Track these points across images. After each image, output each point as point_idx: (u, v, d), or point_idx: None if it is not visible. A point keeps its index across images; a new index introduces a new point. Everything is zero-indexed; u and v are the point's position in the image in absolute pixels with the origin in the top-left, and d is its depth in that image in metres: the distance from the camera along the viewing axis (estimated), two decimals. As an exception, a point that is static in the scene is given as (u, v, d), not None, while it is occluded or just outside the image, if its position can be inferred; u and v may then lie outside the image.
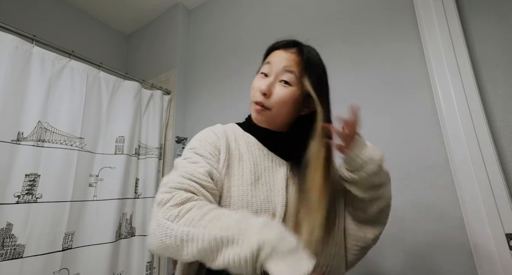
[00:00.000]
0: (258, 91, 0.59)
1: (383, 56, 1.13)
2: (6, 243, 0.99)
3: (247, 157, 0.59)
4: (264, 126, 0.62)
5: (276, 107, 0.58)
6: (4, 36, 1.09)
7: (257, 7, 1.65)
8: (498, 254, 0.78)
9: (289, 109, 0.59)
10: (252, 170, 0.57)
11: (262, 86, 0.58)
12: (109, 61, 1.91)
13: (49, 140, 1.16)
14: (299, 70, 0.58)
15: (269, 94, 0.58)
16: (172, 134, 1.74)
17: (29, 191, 1.08)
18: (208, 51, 1.85)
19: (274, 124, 0.62)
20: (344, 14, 1.28)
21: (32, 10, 1.74)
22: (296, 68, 0.58)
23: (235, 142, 0.61)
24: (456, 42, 0.95)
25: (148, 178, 1.56)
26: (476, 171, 0.84)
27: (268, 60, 0.63)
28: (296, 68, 0.58)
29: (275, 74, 0.59)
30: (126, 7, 2.05)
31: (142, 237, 1.46)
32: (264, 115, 0.59)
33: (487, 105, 0.90)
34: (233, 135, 0.62)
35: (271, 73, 0.60)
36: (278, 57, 0.61)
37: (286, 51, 0.61)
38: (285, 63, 0.59)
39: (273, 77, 0.59)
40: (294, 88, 0.58)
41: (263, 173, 0.58)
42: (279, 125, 0.62)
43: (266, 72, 0.61)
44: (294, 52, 0.61)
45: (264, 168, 0.59)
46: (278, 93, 0.58)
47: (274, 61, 0.60)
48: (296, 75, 0.58)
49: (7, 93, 1.07)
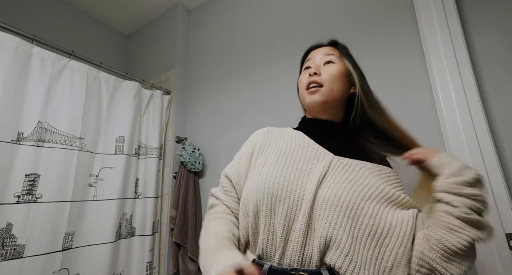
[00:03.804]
0: (307, 78, 0.64)
1: (383, 56, 1.13)
2: (6, 243, 0.99)
3: (275, 147, 0.63)
4: (317, 117, 0.66)
5: (328, 82, 0.62)
6: (4, 36, 1.09)
7: (257, 7, 1.65)
8: (498, 254, 0.78)
9: (340, 84, 0.64)
10: (277, 156, 0.61)
11: (312, 69, 0.64)
12: (109, 61, 1.91)
13: (49, 139, 1.17)
14: (337, 53, 0.67)
15: (319, 73, 0.63)
16: (172, 134, 1.74)
17: (29, 191, 1.08)
18: (208, 51, 1.85)
19: (331, 104, 0.64)
20: (344, 14, 1.28)
21: (32, 10, 1.74)
22: (335, 52, 0.67)
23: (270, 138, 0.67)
24: (456, 42, 0.95)
25: (148, 178, 1.56)
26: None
27: (308, 58, 0.70)
28: (335, 52, 0.67)
29: (319, 61, 0.66)
30: (126, 7, 2.05)
31: (142, 237, 1.46)
32: (319, 93, 0.63)
33: (487, 105, 0.90)
34: (271, 134, 0.69)
35: (314, 63, 0.67)
36: (316, 52, 0.69)
37: (322, 47, 0.71)
38: (325, 51, 0.68)
39: (317, 63, 0.66)
40: (338, 64, 0.65)
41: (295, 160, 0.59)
42: (334, 107, 0.65)
43: (309, 65, 0.67)
44: (329, 45, 0.71)
45: (299, 157, 0.60)
46: (326, 71, 0.63)
47: (314, 56, 0.68)
48: (336, 55, 0.66)
49: (7, 93, 1.07)
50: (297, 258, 0.50)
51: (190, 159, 1.54)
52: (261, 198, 0.55)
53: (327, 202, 0.51)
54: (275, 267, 0.52)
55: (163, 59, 1.97)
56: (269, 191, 0.55)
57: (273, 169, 0.58)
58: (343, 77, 0.64)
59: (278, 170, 0.57)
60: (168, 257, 1.53)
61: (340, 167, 0.57)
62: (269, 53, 1.49)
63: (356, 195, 0.51)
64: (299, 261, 0.50)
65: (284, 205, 0.53)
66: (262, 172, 0.59)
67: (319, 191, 0.53)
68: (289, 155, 0.60)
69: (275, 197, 0.54)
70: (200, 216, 1.55)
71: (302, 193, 0.53)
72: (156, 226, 1.56)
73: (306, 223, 0.51)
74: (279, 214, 0.53)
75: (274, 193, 0.54)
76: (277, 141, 0.66)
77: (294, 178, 0.55)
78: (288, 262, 0.51)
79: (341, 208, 0.50)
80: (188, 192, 1.54)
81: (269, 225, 0.54)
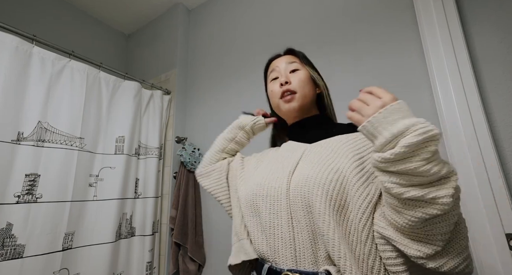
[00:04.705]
0: (278, 87, 0.68)
1: (383, 56, 1.13)
2: (6, 243, 0.99)
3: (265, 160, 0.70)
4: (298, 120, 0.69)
5: (300, 87, 0.66)
6: (4, 36, 1.09)
7: (257, 7, 1.65)
8: (498, 254, 0.78)
9: (309, 87, 0.68)
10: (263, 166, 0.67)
11: (282, 78, 0.67)
12: (109, 61, 1.91)
13: (49, 139, 1.17)
14: (298, 60, 0.72)
15: (290, 81, 0.67)
16: (172, 134, 1.74)
17: (29, 191, 1.08)
18: (208, 51, 1.85)
19: (305, 107, 0.67)
20: (344, 14, 1.28)
21: (32, 10, 1.74)
22: (296, 59, 0.72)
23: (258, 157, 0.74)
24: (456, 42, 0.95)
25: (148, 178, 1.56)
26: (476, 171, 0.84)
27: (272, 68, 0.74)
28: (296, 59, 0.72)
29: (284, 70, 0.70)
30: (126, 7, 2.05)
31: (142, 237, 1.46)
32: (295, 99, 0.66)
33: (487, 105, 0.90)
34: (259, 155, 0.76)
35: (280, 73, 0.70)
36: (279, 61, 0.73)
37: (283, 57, 0.75)
38: (287, 60, 0.72)
39: (283, 72, 0.69)
40: (302, 70, 0.69)
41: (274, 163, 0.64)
42: (308, 108, 0.69)
43: (276, 75, 0.71)
44: (288, 54, 0.76)
45: (279, 159, 0.64)
46: (295, 78, 0.67)
47: (277, 65, 0.72)
48: (298, 62, 0.71)
49: (7, 93, 1.07)
50: (290, 255, 0.50)
51: (190, 159, 1.54)
52: (249, 200, 0.59)
53: (298, 187, 0.52)
54: (273, 267, 0.52)
55: (163, 59, 1.97)
56: (252, 191, 0.59)
57: (257, 175, 0.63)
58: (309, 81, 0.68)
59: (262, 174, 0.62)
60: (168, 257, 1.53)
61: (312, 151, 0.59)
62: (269, 53, 1.48)
63: (323, 170, 0.51)
64: (293, 259, 0.49)
65: (266, 202, 0.55)
66: (251, 178, 0.64)
67: (291, 180, 0.54)
68: (271, 162, 0.65)
69: (256, 196, 0.57)
70: (200, 215, 1.55)
71: (280, 187, 0.54)
72: (156, 226, 1.56)
73: (289, 215, 0.51)
74: (263, 212, 0.55)
75: (255, 192, 0.58)
76: (271, 153, 0.72)
77: (273, 176, 0.58)
78: (283, 260, 0.50)
79: (311, 188, 0.49)
80: (188, 192, 1.54)
81: (258, 225, 0.56)
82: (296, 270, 0.49)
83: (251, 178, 0.64)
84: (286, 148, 0.68)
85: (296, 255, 0.50)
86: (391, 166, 0.38)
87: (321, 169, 0.52)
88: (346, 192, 0.48)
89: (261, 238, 0.55)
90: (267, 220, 0.54)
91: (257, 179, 0.61)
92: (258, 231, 0.56)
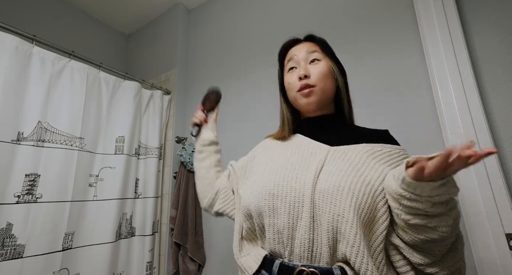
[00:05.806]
0: (296, 80, 0.64)
1: (383, 56, 1.13)
2: (6, 243, 0.99)
3: (275, 152, 0.66)
4: (312, 116, 0.67)
5: (320, 81, 0.62)
6: (4, 36, 1.09)
7: (258, 7, 1.65)
8: (498, 254, 0.78)
9: (330, 81, 0.64)
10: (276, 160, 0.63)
11: (301, 71, 0.63)
12: (109, 61, 1.91)
13: (49, 139, 1.17)
14: (320, 49, 0.67)
15: (309, 74, 0.63)
16: (172, 134, 1.74)
17: (29, 191, 1.08)
18: (208, 51, 1.85)
19: (325, 101, 0.65)
20: (344, 14, 1.28)
21: (32, 10, 1.74)
22: (317, 48, 0.67)
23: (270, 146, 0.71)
24: (456, 42, 0.95)
25: (148, 178, 1.56)
26: (476, 171, 0.84)
27: (290, 56, 0.69)
28: (317, 48, 0.67)
29: (303, 60, 0.65)
30: (126, 7, 2.05)
31: (142, 237, 1.46)
32: (313, 94, 0.63)
33: (487, 105, 0.90)
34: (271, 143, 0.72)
35: (299, 62, 0.66)
36: (297, 50, 0.68)
37: (301, 43, 0.70)
38: (306, 48, 0.66)
39: (303, 63, 0.65)
40: (324, 61, 0.65)
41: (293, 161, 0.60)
42: (327, 103, 0.66)
43: (294, 65, 0.67)
44: (308, 41, 0.70)
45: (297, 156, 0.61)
46: (315, 70, 0.63)
47: (295, 54, 0.67)
48: (319, 51, 0.66)
49: (7, 93, 1.07)
50: (306, 255, 0.50)
51: (190, 159, 1.54)
52: (262, 199, 0.56)
53: (326, 194, 0.51)
54: (285, 263, 0.52)
55: (163, 59, 1.97)
56: (269, 191, 0.55)
57: (272, 172, 0.59)
58: (330, 74, 0.65)
59: (277, 172, 0.58)
60: (168, 257, 1.53)
61: (337, 156, 0.57)
62: (269, 53, 1.49)
63: (355, 181, 0.51)
64: (308, 258, 0.50)
65: (285, 204, 0.53)
66: (263, 175, 0.60)
67: (317, 184, 0.53)
68: (287, 157, 0.62)
69: (276, 197, 0.54)
70: (200, 215, 1.55)
71: (303, 190, 0.53)
72: (156, 226, 1.56)
73: (311, 219, 0.51)
74: (281, 213, 0.53)
75: (274, 193, 0.55)
76: (276, 147, 0.68)
77: (293, 176, 0.56)
78: (298, 258, 0.51)
79: (341, 197, 0.49)
80: (188, 192, 1.54)
81: (273, 225, 0.54)
82: (310, 265, 0.49)
83: (263, 175, 0.60)
84: (301, 145, 0.64)
85: (312, 255, 0.50)
86: (404, 200, 0.44)
87: (353, 180, 0.51)
88: (375, 205, 0.50)
89: (274, 237, 0.54)
90: (285, 220, 0.52)
91: (273, 177, 0.57)
92: (272, 231, 0.54)
